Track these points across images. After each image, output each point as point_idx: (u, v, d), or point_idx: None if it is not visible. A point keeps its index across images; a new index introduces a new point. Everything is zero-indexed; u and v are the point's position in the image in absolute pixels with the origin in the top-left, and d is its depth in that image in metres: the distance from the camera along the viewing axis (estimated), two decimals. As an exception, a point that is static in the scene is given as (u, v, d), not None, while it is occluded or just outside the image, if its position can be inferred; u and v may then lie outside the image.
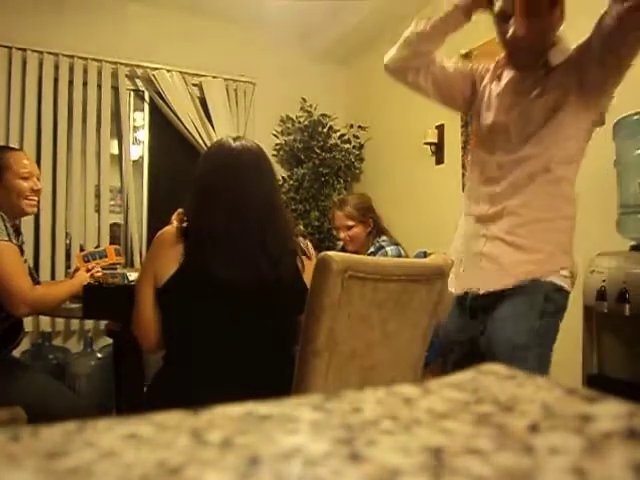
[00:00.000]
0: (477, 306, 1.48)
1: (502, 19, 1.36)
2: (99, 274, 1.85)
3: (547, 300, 1.35)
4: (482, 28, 1.66)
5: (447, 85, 1.58)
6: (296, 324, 1.27)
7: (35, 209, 1.87)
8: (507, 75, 1.48)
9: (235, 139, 1.33)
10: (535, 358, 1.33)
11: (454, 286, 1.53)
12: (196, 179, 1.31)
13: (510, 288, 1.38)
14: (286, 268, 1.29)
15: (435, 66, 1.56)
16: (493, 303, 1.42)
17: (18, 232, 1.81)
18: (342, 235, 2.55)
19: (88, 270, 1.89)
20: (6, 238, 1.62)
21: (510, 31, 1.34)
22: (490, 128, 1.47)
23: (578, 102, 1.35)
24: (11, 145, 3.21)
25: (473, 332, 1.47)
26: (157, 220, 3.74)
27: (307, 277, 1.27)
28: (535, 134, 1.37)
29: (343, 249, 2.54)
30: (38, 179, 1.85)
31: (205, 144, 3.74)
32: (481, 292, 1.44)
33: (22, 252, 1.76)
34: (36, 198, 1.84)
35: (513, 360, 1.30)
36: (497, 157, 1.44)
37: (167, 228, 1.30)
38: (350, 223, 2.51)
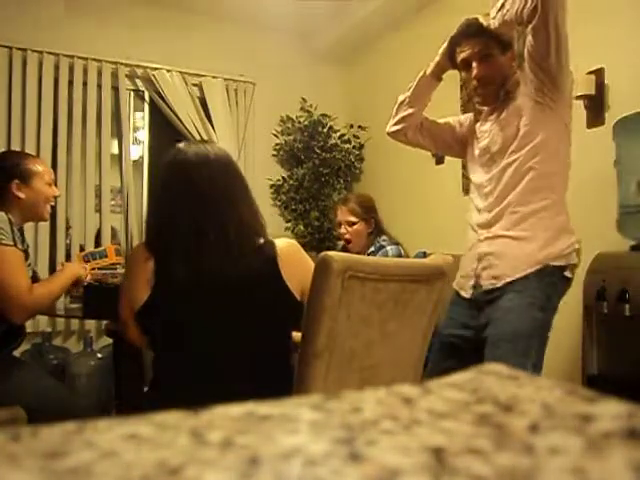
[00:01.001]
0: (484, 300, 1.60)
1: (465, 67, 1.67)
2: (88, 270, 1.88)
3: (547, 297, 1.50)
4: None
5: (441, 136, 1.91)
6: (282, 322, 1.28)
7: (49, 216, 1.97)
8: (484, 113, 1.77)
9: (192, 144, 1.33)
10: (535, 347, 1.50)
11: (463, 287, 1.68)
12: (155, 189, 1.36)
13: (516, 280, 1.52)
14: (257, 266, 1.24)
15: (428, 122, 1.90)
16: (499, 296, 1.55)
17: (22, 235, 1.82)
18: (342, 230, 2.54)
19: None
20: (11, 242, 1.62)
21: (474, 73, 1.63)
22: (478, 155, 1.72)
23: (538, 106, 1.56)
24: (12, 146, 3.22)
25: (477, 326, 1.59)
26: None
27: (288, 272, 1.25)
28: (512, 144, 1.59)
29: (343, 249, 2.54)
30: (55, 185, 1.94)
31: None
32: (496, 286, 1.57)
33: (27, 256, 1.76)
34: (53, 204, 1.93)
35: (517, 347, 1.47)
36: (487, 174, 1.66)
37: (137, 247, 1.33)
38: (353, 219, 2.51)
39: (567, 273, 1.54)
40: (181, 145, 1.32)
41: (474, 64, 1.62)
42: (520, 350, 1.47)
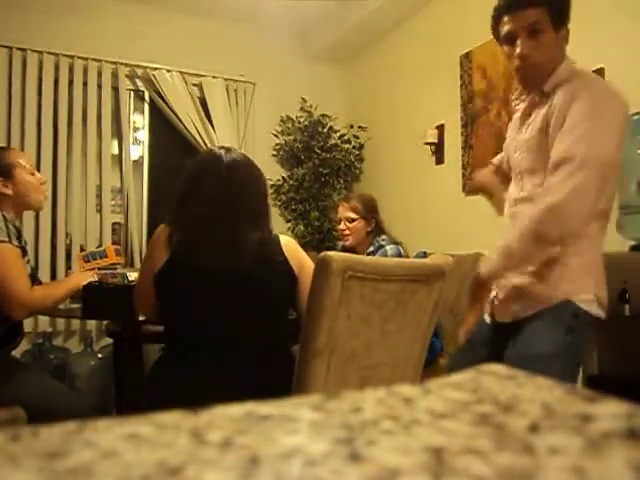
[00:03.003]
0: (504, 325, 1.46)
1: (509, 41, 1.38)
2: (94, 274, 1.87)
3: (575, 317, 1.32)
4: (482, 28, 1.66)
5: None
6: (285, 296, 1.40)
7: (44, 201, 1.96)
8: (522, 112, 1.48)
9: (226, 151, 1.45)
10: (564, 371, 1.30)
11: (487, 314, 1.51)
12: (190, 187, 1.42)
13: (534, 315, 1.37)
14: (265, 246, 1.38)
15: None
16: (520, 324, 1.40)
17: (19, 233, 1.81)
18: (342, 226, 2.55)
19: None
20: (6, 239, 1.62)
21: (517, 51, 1.35)
22: (512, 166, 1.49)
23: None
24: (12, 145, 3.22)
25: (496, 346, 1.44)
26: (157, 220, 3.74)
27: (288, 253, 1.40)
28: (536, 170, 1.36)
29: (344, 248, 2.54)
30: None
31: (205, 144, 3.74)
32: (509, 321, 1.42)
33: (25, 253, 1.76)
34: (45, 189, 1.93)
35: (543, 371, 1.24)
36: (514, 194, 1.45)
37: (161, 227, 1.43)
38: (353, 216, 2.51)
39: (591, 311, 1.33)
40: (221, 152, 1.45)
41: (519, 40, 1.35)
42: (546, 371, 1.27)
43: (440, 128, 3.47)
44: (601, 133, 1.26)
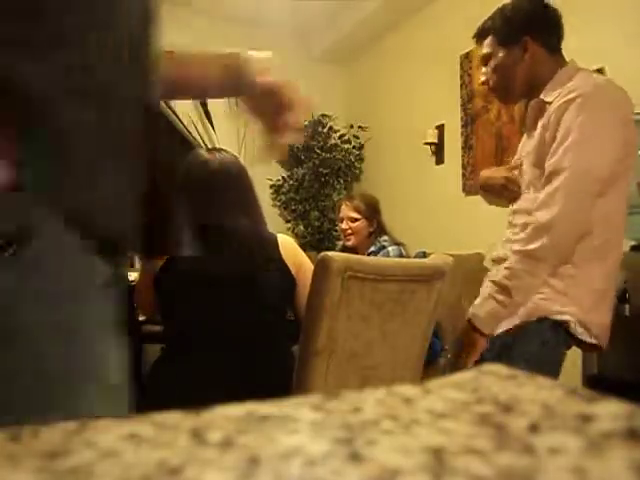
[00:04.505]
0: None
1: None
2: None
3: (552, 330, 1.28)
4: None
5: None
6: (282, 295, 1.42)
7: None
8: (528, 123, 1.46)
9: (210, 151, 1.49)
10: None
11: None
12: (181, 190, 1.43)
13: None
14: (263, 259, 1.40)
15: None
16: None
17: None
18: (344, 226, 2.55)
19: None
20: None
21: (481, 79, 1.50)
22: (522, 175, 1.45)
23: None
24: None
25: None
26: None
27: (285, 254, 1.42)
28: (536, 184, 1.33)
29: (344, 248, 2.54)
30: None
31: (205, 144, 3.74)
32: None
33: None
34: None
35: None
36: (515, 204, 1.43)
37: None
38: (355, 215, 2.52)
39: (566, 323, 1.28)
40: (206, 156, 1.47)
41: (483, 68, 1.48)
42: None
43: (440, 128, 3.47)
44: (592, 146, 1.22)
